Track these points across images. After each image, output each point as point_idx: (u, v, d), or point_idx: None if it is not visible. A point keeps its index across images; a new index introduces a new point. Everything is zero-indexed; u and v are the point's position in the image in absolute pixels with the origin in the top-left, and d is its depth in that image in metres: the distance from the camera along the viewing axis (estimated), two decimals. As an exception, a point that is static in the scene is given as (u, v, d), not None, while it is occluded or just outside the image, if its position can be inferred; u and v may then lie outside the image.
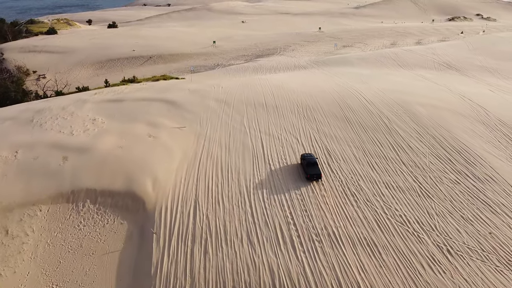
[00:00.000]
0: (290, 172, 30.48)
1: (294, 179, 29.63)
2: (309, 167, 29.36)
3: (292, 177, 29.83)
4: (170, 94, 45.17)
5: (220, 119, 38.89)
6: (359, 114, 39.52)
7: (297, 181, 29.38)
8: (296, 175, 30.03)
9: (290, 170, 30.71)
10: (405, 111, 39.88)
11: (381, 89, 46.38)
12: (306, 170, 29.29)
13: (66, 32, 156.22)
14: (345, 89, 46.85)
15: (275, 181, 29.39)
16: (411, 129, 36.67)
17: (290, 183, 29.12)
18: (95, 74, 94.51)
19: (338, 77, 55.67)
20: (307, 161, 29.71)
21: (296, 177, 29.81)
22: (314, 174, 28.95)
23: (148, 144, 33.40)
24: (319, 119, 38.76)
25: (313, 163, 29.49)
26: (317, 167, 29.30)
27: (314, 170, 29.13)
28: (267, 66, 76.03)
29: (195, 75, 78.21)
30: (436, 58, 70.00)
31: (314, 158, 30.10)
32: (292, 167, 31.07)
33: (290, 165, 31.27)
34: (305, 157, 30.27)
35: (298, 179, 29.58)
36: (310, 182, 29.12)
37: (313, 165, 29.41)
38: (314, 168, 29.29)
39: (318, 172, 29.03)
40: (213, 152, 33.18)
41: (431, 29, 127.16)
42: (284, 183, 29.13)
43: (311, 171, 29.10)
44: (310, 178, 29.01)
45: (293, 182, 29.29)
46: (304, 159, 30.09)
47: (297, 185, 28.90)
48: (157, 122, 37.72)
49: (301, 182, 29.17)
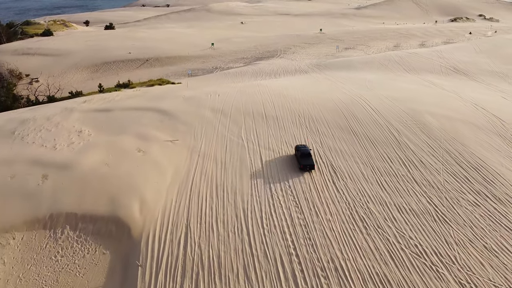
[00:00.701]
0: (292, 193, 27.72)
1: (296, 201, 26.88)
2: (303, 157, 30.13)
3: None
4: (163, 103, 42.40)
5: (216, 130, 36.13)
6: (366, 125, 36.74)
7: (300, 203, 26.63)
8: (299, 196, 27.29)
9: (293, 190, 27.94)
10: (415, 122, 37.10)
11: (388, 97, 43.62)
12: (300, 161, 30.04)
13: (62, 33, 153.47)
14: (349, 96, 44.09)
15: (275, 203, 26.63)
16: (423, 142, 33.89)
17: (292, 206, 26.36)
18: (89, 78, 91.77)
19: (342, 82, 52.90)
20: (301, 152, 30.47)
21: (298, 198, 27.06)
22: (307, 165, 29.55)
23: (136, 160, 30.64)
24: (323, 131, 36.00)
25: (306, 154, 30.30)
26: (310, 158, 30.07)
27: (307, 161, 29.82)
28: (267, 70, 73.27)
29: (192, 79, 75.47)
30: (443, 62, 67.23)
31: (308, 149, 30.94)
32: (294, 187, 28.30)
33: (292, 185, 28.49)
34: (299, 148, 31.06)
35: (300, 200, 26.83)
36: (314, 206, 26.34)
37: (306, 156, 30.21)
38: (308, 159, 30.02)
39: (311, 163, 29.72)
40: (208, 169, 30.40)
41: (435, 30, 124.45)
42: (285, 206, 26.38)
43: (304, 161, 29.81)
44: (303, 169, 29.70)
45: (295, 204, 26.53)
46: (298, 150, 30.86)
47: (299, 207, 26.14)
48: (148, 134, 34.96)
49: (304, 205, 26.41)
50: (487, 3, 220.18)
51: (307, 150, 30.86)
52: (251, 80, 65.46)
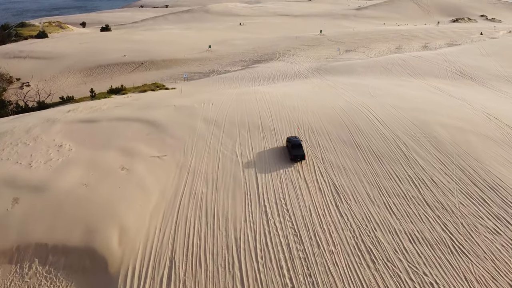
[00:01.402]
0: (290, 218, 24.85)
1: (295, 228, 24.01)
2: (294, 148, 30.75)
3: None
4: (152, 112, 39.54)
5: (208, 144, 33.25)
6: (371, 138, 33.86)
7: (299, 230, 23.76)
8: (298, 222, 24.42)
9: (291, 215, 25.08)
10: (424, 135, 34.23)
11: (393, 106, 40.76)
12: (291, 152, 30.68)
13: (57, 35, 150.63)
14: (352, 105, 41.23)
15: (271, 231, 23.77)
16: (433, 158, 31.01)
17: (290, 234, 23.49)
18: (82, 82, 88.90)
19: (343, 89, 50.05)
20: (292, 143, 31.16)
21: (297, 225, 24.19)
22: (298, 155, 30.22)
23: (119, 180, 27.76)
24: (324, 144, 33.12)
25: (297, 145, 30.94)
26: (301, 148, 30.65)
27: (298, 152, 30.45)
28: (265, 74, 70.45)
29: (187, 83, 72.68)
30: (448, 66, 64.40)
31: (298, 140, 31.67)
32: (292, 211, 25.43)
33: (290, 209, 25.62)
34: (290, 140, 31.70)
35: (299, 227, 23.96)
36: (314, 235, 23.44)
37: (297, 147, 30.79)
38: (298, 149, 30.63)
39: (302, 153, 30.42)
40: (198, 190, 27.53)
41: (437, 31, 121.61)
42: (283, 234, 23.50)
43: (295, 152, 30.45)
44: (294, 159, 30.32)
45: (294, 232, 23.67)
46: (289, 142, 31.53)
47: (298, 236, 23.28)
48: (133, 149, 32.10)
49: (303, 233, 23.53)
50: (489, 3, 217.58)
51: (298, 141, 31.43)
52: (248, 85, 62.64)
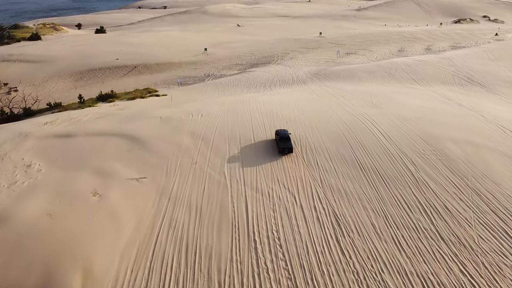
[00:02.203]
0: (283, 256, 21.43)
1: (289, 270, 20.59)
2: (282, 141, 30.81)
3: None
4: (135, 125, 36.13)
5: (193, 164, 29.83)
6: (375, 156, 30.43)
7: (293, 273, 20.35)
8: (292, 261, 21.01)
9: (285, 252, 21.67)
10: (435, 152, 30.81)
11: (399, 117, 37.36)
12: (279, 144, 30.70)
13: (51, 37, 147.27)
14: (354, 117, 37.82)
15: (262, 273, 20.36)
16: (446, 179, 27.59)
17: (284, 277, 20.08)
18: (73, 87, 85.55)
19: (344, 97, 46.65)
20: (280, 136, 31.22)
21: (292, 265, 20.78)
22: (286, 148, 30.28)
23: (89, 209, 24.36)
24: (323, 164, 29.69)
25: (285, 138, 30.97)
26: (289, 141, 30.70)
27: (285, 145, 30.48)
28: (262, 79, 67.07)
29: (180, 89, 69.37)
30: (455, 71, 61.01)
31: (287, 133, 31.74)
32: (286, 248, 22.02)
33: (284, 245, 22.22)
34: (279, 133, 31.77)
35: (294, 269, 20.55)
36: (311, 279, 20.01)
37: (285, 140, 30.84)
38: (286, 142, 30.66)
39: (290, 146, 30.49)
40: (179, 220, 24.11)
41: (440, 33, 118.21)
42: (274, 278, 20.09)
43: (282, 145, 30.51)
44: (282, 152, 30.39)
45: (288, 274, 20.27)
46: (278, 134, 31.55)
47: (293, 280, 19.87)
48: (110, 169, 28.70)
49: (299, 276, 20.12)
50: (491, 4, 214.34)
51: (286, 134, 31.50)
52: (243, 92, 59.28)
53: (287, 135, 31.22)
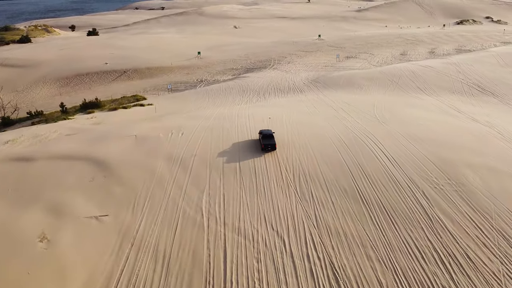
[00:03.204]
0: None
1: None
2: (265, 138, 30.80)
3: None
4: (106, 146, 31.65)
5: (166, 196, 25.35)
6: (380, 187, 25.95)
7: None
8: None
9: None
10: (450, 181, 26.32)
11: (406, 136, 32.88)
12: (262, 142, 30.63)
13: (42, 40, 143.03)
14: (354, 135, 33.33)
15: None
16: (465, 218, 23.12)
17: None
18: (58, 93, 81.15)
19: (344, 110, 42.19)
20: (263, 134, 31.28)
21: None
22: (269, 144, 30.26)
23: (31, 260, 19.89)
24: (319, 197, 25.21)
25: (268, 135, 31.03)
26: (272, 139, 30.72)
27: (268, 141, 30.47)
28: (256, 86, 62.67)
29: (169, 97, 64.99)
30: (463, 78, 56.58)
31: (270, 131, 31.72)
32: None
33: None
34: (262, 131, 31.79)
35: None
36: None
37: (268, 137, 30.88)
38: (269, 139, 30.67)
39: (273, 142, 30.45)
40: (141, 275, 19.62)
41: (443, 35, 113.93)
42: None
43: (265, 141, 30.47)
44: (265, 149, 30.30)
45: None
46: (261, 133, 31.57)
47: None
48: (66, 204, 24.24)
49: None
50: (493, 5, 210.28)
51: (270, 132, 31.58)
52: (234, 101, 54.89)
53: (270, 133, 31.39)
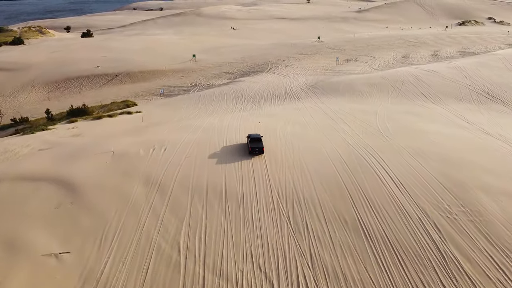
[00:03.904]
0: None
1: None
2: (252, 142, 30.33)
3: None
4: (78, 166, 28.41)
5: (139, 228, 22.11)
6: (385, 216, 22.70)
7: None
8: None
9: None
10: (464, 208, 23.08)
11: (413, 153, 29.61)
12: (249, 145, 30.18)
13: (35, 41, 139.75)
14: (355, 152, 30.07)
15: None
16: (484, 257, 19.88)
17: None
18: (46, 98, 78.06)
19: (343, 121, 38.95)
20: (251, 138, 30.85)
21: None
22: (256, 148, 29.78)
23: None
24: (315, 228, 21.96)
25: (256, 139, 30.63)
26: (260, 142, 30.34)
27: (256, 144, 30.05)
28: (251, 92, 59.48)
29: (159, 103, 61.79)
30: (470, 84, 53.35)
31: (259, 135, 31.33)
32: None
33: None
34: (250, 135, 31.43)
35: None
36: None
37: (256, 140, 30.49)
38: (257, 143, 30.26)
39: (261, 146, 30.00)
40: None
41: (446, 37, 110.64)
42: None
43: (253, 145, 30.01)
44: (252, 152, 29.72)
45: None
46: (249, 137, 31.18)
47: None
48: (23, 238, 21.02)
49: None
50: (496, 5, 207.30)
51: (258, 136, 31.25)
52: (228, 108, 51.71)
53: (258, 137, 31.07)
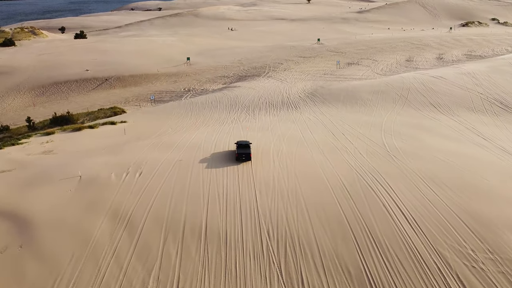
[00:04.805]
0: None
1: None
2: (240, 148, 29.93)
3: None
4: (36, 195, 24.36)
5: (97, 280, 18.06)
6: (397, 266, 18.61)
7: None
8: None
9: None
10: (491, 255, 18.97)
11: (426, 179, 25.56)
12: (237, 151, 29.75)
13: (27, 43, 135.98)
14: (360, 179, 25.97)
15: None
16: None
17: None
18: (31, 104, 73.98)
19: (345, 136, 34.94)
20: (239, 144, 30.43)
21: None
22: (243, 154, 29.40)
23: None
24: (312, 281, 17.86)
25: (243, 145, 30.21)
26: (248, 149, 29.96)
27: (243, 150, 29.63)
28: (246, 100, 55.48)
29: (148, 111, 57.82)
30: (482, 92, 49.33)
31: (247, 142, 30.79)
32: None
33: None
34: (238, 142, 30.94)
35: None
36: None
37: (243, 147, 30.06)
38: (244, 149, 29.83)
39: (248, 152, 29.57)
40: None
41: (451, 39, 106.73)
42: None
43: (240, 151, 29.61)
44: (239, 158, 29.37)
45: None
46: (237, 143, 30.73)
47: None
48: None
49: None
50: (500, 6, 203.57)
51: (246, 142, 30.78)
52: (220, 118, 47.72)
53: (246, 143, 30.63)
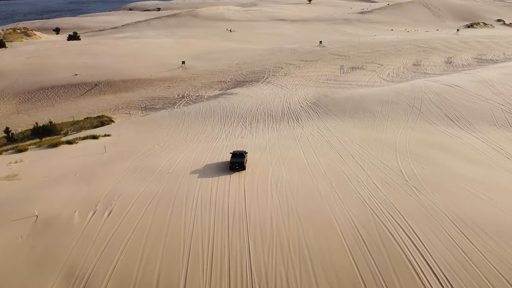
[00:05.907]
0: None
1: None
2: (234, 157, 29.52)
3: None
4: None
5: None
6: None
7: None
8: None
9: None
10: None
11: (456, 220, 20.87)
12: (230, 160, 29.32)
13: (18, 44, 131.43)
14: (376, 221, 21.22)
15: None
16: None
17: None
18: (15, 111, 69.34)
19: (355, 160, 30.21)
20: (233, 153, 30.08)
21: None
22: (236, 162, 28.85)
23: None
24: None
25: (238, 154, 29.81)
26: (242, 158, 29.41)
27: (237, 159, 29.15)
28: (243, 109, 50.86)
29: (137, 121, 53.13)
30: (503, 102, 44.64)
31: (242, 151, 30.28)
32: None
33: None
34: (233, 152, 30.36)
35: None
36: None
37: (238, 156, 29.61)
38: (238, 158, 29.33)
39: (241, 160, 29.03)
40: None
41: (458, 41, 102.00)
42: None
43: (233, 160, 29.18)
44: (232, 167, 28.85)
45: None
46: (232, 153, 30.38)
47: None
48: None
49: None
50: (505, 7, 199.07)
51: (240, 152, 30.11)
52: (213, 131, 43.15)
53: (240, 152, 30.07)
